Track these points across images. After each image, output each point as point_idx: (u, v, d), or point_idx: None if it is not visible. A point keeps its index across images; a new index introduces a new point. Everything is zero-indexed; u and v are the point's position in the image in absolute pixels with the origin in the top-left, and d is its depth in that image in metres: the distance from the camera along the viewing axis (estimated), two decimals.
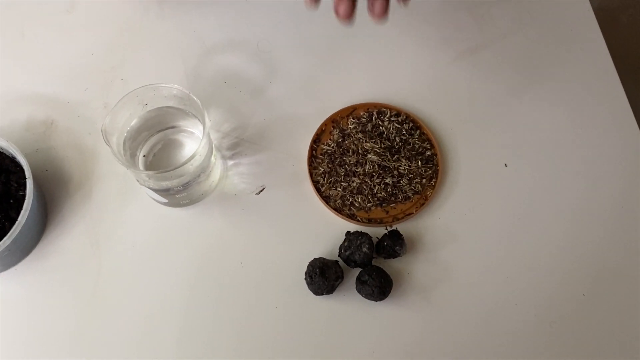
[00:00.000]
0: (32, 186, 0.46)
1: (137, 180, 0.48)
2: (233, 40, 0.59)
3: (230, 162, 0.53)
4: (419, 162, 0.53)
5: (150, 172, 0.44)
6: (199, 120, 0.48)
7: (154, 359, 0.46)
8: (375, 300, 0.47)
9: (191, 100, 0.45)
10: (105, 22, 0.59)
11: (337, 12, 0.41)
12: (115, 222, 0.51)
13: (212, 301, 0.48)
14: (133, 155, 0.49)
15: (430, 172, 0.53)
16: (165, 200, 0.49)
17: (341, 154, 0.53)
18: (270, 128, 0.55)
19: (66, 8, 0.60)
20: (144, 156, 0.50)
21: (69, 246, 0.50)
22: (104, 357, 0.46)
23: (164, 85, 0.45)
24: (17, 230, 0.45)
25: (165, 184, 0.46)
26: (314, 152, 0.54)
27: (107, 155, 0.53)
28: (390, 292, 0.47)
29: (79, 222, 0.51)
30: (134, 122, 0.47)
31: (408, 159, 0.53)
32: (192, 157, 0.44)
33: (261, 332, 0.47)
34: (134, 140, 0.48)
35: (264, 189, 0.52)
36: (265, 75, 0.58)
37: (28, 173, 0.47)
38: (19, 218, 0.45)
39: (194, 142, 0.51)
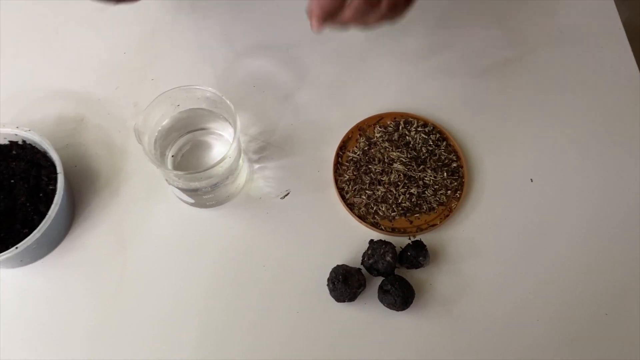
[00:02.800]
0: (63, 181, 0.47)
1: (166, 180, 0.48)
2: (263, 45, 0.60)
3: (257, 166, 0.54)
4: (445, 174, 0.53)
5: (180, 172, 0.44)
6: (229, 123, 0.48)
7: (174, 358, 0.46)
8: (397, 310, 0.47)
9: (224, 104, 0.45)
10: (137, 22, 0.60)
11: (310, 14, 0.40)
12: (142, 221, 0.51)
13: (234, 302, 0.48)
14: (162, 155, 0.49)
15: (455, 184, 0.53)
16: (192, 201, 0.50)
17: (367, 162, 0.53)
18: (297, 133, 0.55)
19: (99, 7, 0.61)
20: (172, 156, 0.50)
21: (95, 242, 0.50)
22: (124, 353, 0.46)
23: (198, 87, 0.45)
24: (47, 224, 0.45)
25: (195, 184, 0.46)
26: (339, 159, 0.54)
27: (135, 153, 0.54)
28: (412, 302, 0.47)
29: (105, 219, 0.51)
30: (165, 122, 0.48)
31: (434, 169, 0.53)
32: (223, 159, 0.44)
33: (281, 336, 0.47)
34: (164, 140, 0.49)
35: (288, 193, 0.53)
36: (293, 81, 0.58)
37: (60, 168, 0.47)
38: (49, 212, 0.46)
39: (222, 144, 0.51)
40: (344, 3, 0.39)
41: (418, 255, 0.48)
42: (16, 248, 0.44)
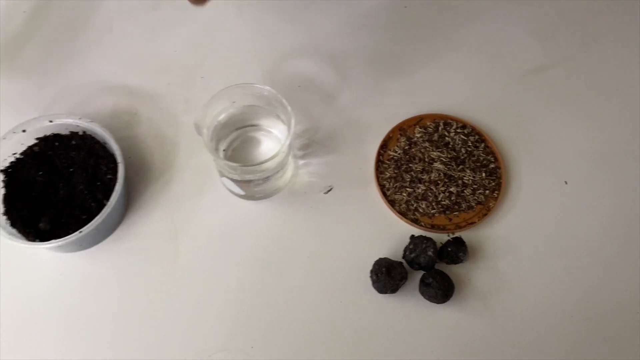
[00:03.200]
0: (123, 170, 0.49)
1: (219, 172, 0.51)
2: (307, 47, 0.62)
3: (301, 162, 0.56)
4: (483, 174, 0.55)
5: (236, 164, 0.47)
6: (280, 120, 0.50)
7: (220, 343, 0.48)
8: (437, 303, 0.49)
9: (279, 102, 0.48)
10: (188, 21, 0.63)
11: None
12: (192, 211, 0.54)
13: (279, 291, 0.50)
14: (215, 149, 0.52)
15: (493, 184, 0.55)
16: (242, 193, 0.52)
17: (407, 160, 0.55)
18: (340, 132, 0.58)
19: (152, 6, 0.63)
20: (224, 150, 0.53)
21: (148, 230, 0.53)
22: (173, 339, 0.49)
23: (257, 85, 0.48)
24: (108, 211, 0.48)
25: (249, 176, 0.48)
26: (380, 157, 0.56)
27: (186, 147, 0.56)
28: (452, 296, 0.49)
29: (158, 208, 0.54)
30: (221, 117, 0.50)
31: (472, 170, 0.55)
32: (277, 154, 0.46)
33: (324, 324, 0.49)
34: (217, 134, 0.51)
35: (331, 189, 0.55)
36: (336, 82, 0.60)
37: (120, 158, 0.50)
38: (110, 199, 0.48)
39: (270, 140, 0.54)
40: None
41: (458, 251, 0.50)
42: (80, 232, 0.47)
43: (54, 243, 0.46)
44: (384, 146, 0.56)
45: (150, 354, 0.48)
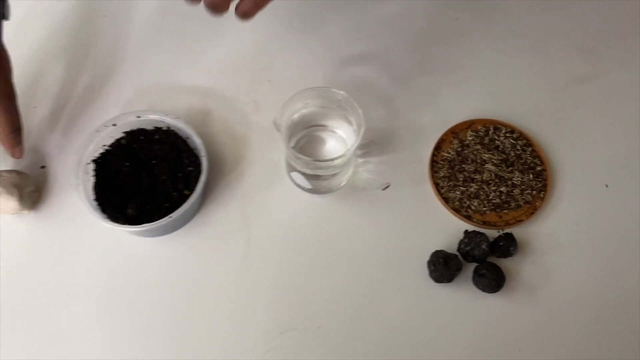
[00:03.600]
0: (207, 163, 0.54)
1: (291, 166, 0.55)
2: (365, 53, 0.67)
3: (360, 160, 0.61)
4: (530, 176, 0.59)
5: (309, 159, 0.52)
6: (348, 122, 0.55)
7: (288, 324, 0.53)
8: (490, 292, 0.54)
9: (351, 106, 0.53)
10: (256, 28, 0.68)
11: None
12: (262, 202, 0.58)
13: (342, 277, 0.55)
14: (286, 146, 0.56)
15: (540, 185, 0.59)
16: (309, 187, 0.57)
17: (460, 161, 0.60)
18: (396, 133, 0.62)
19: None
20: (292, 147, 0.58)
21: (222, 218, 0.58)
22: (245, 318, 0.53)
23: (333, 90, 0.53)
24: (194, 198, 0.53)
25: (320, 171, 0.53)
26: (434, 157, 0.61)
27: (256, 144, 0.61)
28: (503, 286, 0.54)
29: (231, 200, 0.59)
30: (295, 116, 0.55)
31: (521, 171, 0.59)
32: (348, 150, 0.51)
33: (383, 308, 0.54)
34: (290, 132, 0.56)
35: (389, 186, 0.60)
36: (392, 86, 0.65)
37: (203, 152, 0.55)
38: (196, 188, 0.53)
39: (335, 140, 0.58)
40: None
41: (509, 245, 0.55)
42: (170, 217, 0.52)
43: (146, 227, 0.51)
44: (437, 147, 0.61)
45: (223, 331, 0.53)
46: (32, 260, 0.56)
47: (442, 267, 0.53)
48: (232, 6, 0.47)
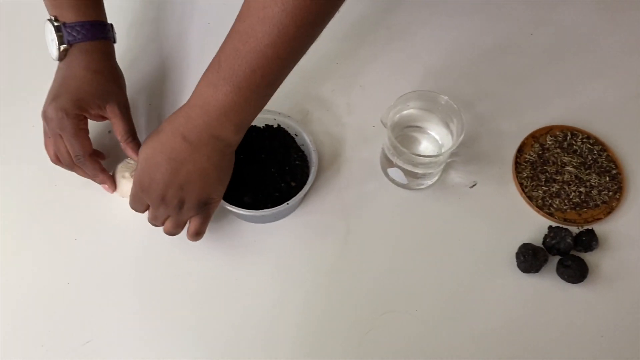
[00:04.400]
0: (317, 158, 0.60)
1: (391, 161, 0.61)
2: (448, 64, 0.73)
3: (449, 160, 0.66)
4: (607, 178, 0.64)
5: (413, 155, 0.57)
6: (444, 125, 0.61)
7: (388, 306, 0.58)
8: (573, 283, 0.58)
9: (453, 110, 0.58)
10: (347, 38, 0.74)
11: None
12: (359, 196, 0.64)
13: (435, 266, 0.60)
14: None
15: (615, 187, 0.64)
16: (405, 182, 0.62)
17: (542, 163, 0.65)
18: (481, 137, 0.68)
19: None
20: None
21: (323, 210, 0.63)
22: (349, 299, 0.58)
23: (441, 95, 0.59)
24: (307, 189, 0.59)
25: (419, 167, 0.59)
26: (517, 159, 0.66)
27: (350, 143, 0.67)
28: (586, 277, 0.58)
29: (330, 193, 0.64)
30: (396, 117, 0.60)
31: (598, 174, 0.64)
32: (449, 149, 0.57)
33: (475, 295, 0.59)
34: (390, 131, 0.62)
35: (476, 184, 0.65)
36: (474, 94, 0.70)
37: (313, 147, 0.61)
38: (309, 180, 0.59)
39: (427, 140, 0.64)
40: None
41: (591, 240, 0.59)
42: (287, 204, 0.57)
43: (267, 211, 0.57)
44: (520, 150, 0.66)
45: (328, 312, 0.58)
46: (150, 239, 0.61)
47: (532, 258, 0.58)
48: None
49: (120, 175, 0.61)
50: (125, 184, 0.60)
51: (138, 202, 0.55)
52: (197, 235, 0.57)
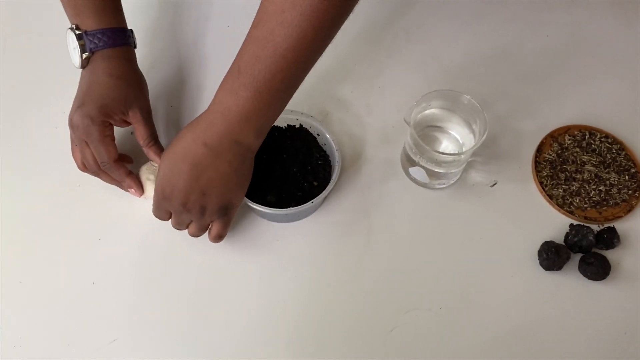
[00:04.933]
0: (339, 157, 0.61)
1: (413, 160, 0.61)
2: (465, 64, 0.74)
3: (469, 159, 0.66)
4: (626, 177, 0.64)
5: (436, 152, 0.57)
6: (466, 124, 0.61)
7: (412, 303, 0.58)
8: (596, 280, 0.59)
9: (476, 110, 0.59)
10: (366, 40, 0.75)
11: None
12: (381, 195, 0.64)
13: (459, 264, 0.60)
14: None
15: (634, 185, 0.64)
16: (427, 181, 0.63)
17: (561, 162, 0.65)
18: (500, 137, 0.68)
19: None
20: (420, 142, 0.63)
21: (345, 208, 0.64)
22: (373, 297, 0.59)
23: (464, 94, 0.59)
24: (329, 190, 0.59)
25: (441, 166, 0.59)
26: (537, 158, 0.66)
27: (371, 143, 0.68)
28: (609, 274, 0.59)
29: (352, 192, 0.65)
30: (418, 117, 0.61)
31: (617, 172, 0.65)
32: (472, 148, 0.57)
33: (499, 293, 0.59)
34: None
35: (496, 183, 0.65)
36: (491, 94, 0.71)
37: (336, 146, 0.61)
38: (332, 179, 0.60)
39: (448, 140, 0.64)
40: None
41: (613, 237, 0.60)
42: (312, 202, 0.58)
43: (292, 210, 0.57)
44: (539, 150, 0.67)
45: (353, 311, 0.58)
46: (174, 238, 0.61)
47: (554, 256, 0.58)
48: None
49: (145, 177, 0.62)
50: (151, 186, 0.61)
51: (161, 210, 0.56)
52: (218, 238, 0.58)
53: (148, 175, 0.61)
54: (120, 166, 0.60)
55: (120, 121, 0.60)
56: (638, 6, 0.79)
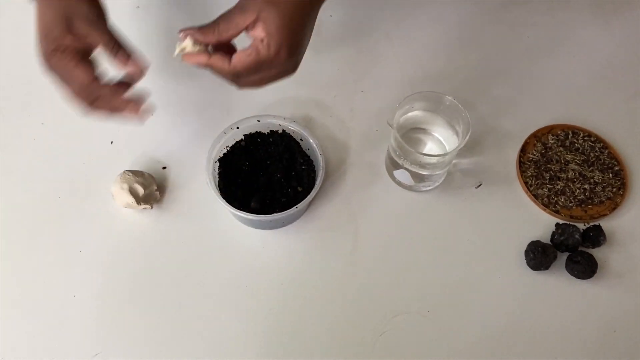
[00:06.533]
0: (324, 161, 0.60)
1: (397, 163, 0.61)
2: (447, 66, 0.74)
3: (454, 161, 0.66)
4: (610, 175, 0.65)
5: (420, 154, 0.57)
6: (449, 126, 0.61)
7: (400, 308, 0.58)
8: (584, 279, 0.58)
9: (458, 111, 0.59)
10: (348, 44, 0.75)
11: None
12: (366, 199, 0.64)
13: (446, 266, 0.60)
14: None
15: (618, 183, 0.64)
16: (412, 184, 0.62)
17: (545, 162, 0.65)
18: (484, 138, 0.68)
19: (316, 32, 0.76)
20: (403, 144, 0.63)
21: (330, 213, 0.63)
22: (360, 302, 0.58)
23: (446, 96, 0.59)
24: (313, 194, 0.58)
25: (425, 168, 0.59)
26: (521, 159, 0.66)
27: (355, 148, 0.67)
28: (596, 272, 0.58)
29: (337, 197, 0.64)
30: (401, 119, 0.61)
31: (601, 171, 0.65)
32: (456, 148, 0.57)
33: (486, 295, 0.59)
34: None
35: (481, 184, 0.65)
36: (474, 96, 0.71)
37: (320, 151, 0.61)
38: (316, 183, 0.59)
39: (432, 142, 0.64)
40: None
41: (599, 235, 0.60)
42: (296, 208, 0.57)
43: (276, 216, 0.57)
44: (522, 150, 0.67)
45: (340, 316, 0.57)
46: (156, 248, 0.61)
47: (541, 255, 0.58)
48: None
49: (119, 187, 0.60)
50: (125, 196, 0.60)
51: (262, 72, 0.52)
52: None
53: (122, 185, 0.60)
54: (106, 85, 0.52)
55: (74, 40, 0.51)
56: (616, 7, 0.80)
